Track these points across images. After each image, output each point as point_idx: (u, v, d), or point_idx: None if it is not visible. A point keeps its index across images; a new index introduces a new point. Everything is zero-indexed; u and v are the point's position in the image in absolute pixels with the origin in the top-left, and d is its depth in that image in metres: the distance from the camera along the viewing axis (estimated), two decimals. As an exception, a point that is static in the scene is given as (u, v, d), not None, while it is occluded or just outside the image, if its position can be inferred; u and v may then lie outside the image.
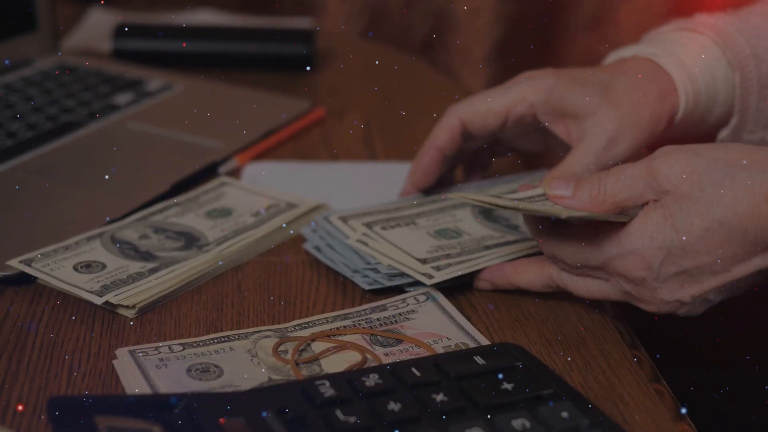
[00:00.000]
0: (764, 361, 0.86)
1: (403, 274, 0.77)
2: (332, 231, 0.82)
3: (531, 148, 0.91)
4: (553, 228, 0.72)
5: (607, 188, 0.70)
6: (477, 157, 0.92)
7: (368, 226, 0.82)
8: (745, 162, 0.66)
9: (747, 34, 0.87)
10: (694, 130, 0.87)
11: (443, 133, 0.86)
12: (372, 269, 0.78)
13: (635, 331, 0.77)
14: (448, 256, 0.79)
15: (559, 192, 0.72)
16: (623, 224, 0.69)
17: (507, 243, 0.81)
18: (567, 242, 0.71)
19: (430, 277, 0.77)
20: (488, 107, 0.85)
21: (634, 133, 0.82)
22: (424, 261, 0.78)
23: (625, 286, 0.71)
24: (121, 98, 1.10)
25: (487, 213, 0.86)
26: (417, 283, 0.78)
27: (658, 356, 0.76)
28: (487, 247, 0.80)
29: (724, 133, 0.88)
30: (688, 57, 0.85)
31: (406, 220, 0.84)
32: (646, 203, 0.69)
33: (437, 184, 0.90)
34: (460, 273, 0.77)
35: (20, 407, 0.64)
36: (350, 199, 0.91)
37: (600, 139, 0.82)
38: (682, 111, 0.84)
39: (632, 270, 0.69)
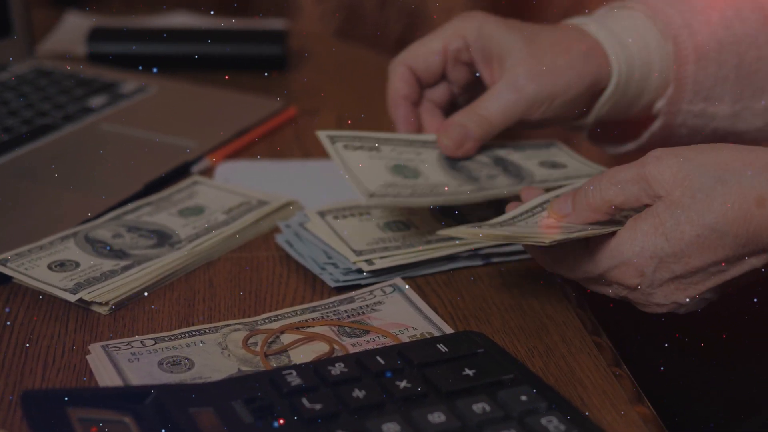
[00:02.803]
0: (727, 345, 0.88)
1: (357, 271, 0.80)
2: (301, 232, 0.84)
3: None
4: (547, 248, 0.73)
5: (602, 195, 0.71)
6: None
7: (321, 215, 0.84)
8: (735, 165, 0.67)
9: (680, 8, 0.88)
10: (636, 99, 0.88)
11: (399, 83, 0.89)
12: (332, 264, 0.80)
13: (599, 318, 0.79)
14: (386, 248, 0.81)
15: (561, 210, 0.73)
16: (614, 234, 0.71)
17: (450, 238, 0.83)
18: (563, 260, 0.73)
19: (360, 272, 0.80)
20: (427, 48, 0.88)
21: (544, 80, 0.83)
22: (359, 253, 0.80)
23: (621, 291, 0.72)
24: (96, 100, 1.12)
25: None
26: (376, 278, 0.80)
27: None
28: (429, 242, 0.82)
29: (660, 104, 0.88)
30: (618, 26, 0.86)
31: (361, 210, 0.86)
32: (642, 206, 0.70)
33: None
34: (388, 265, 0.80)
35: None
36: (322, 196, 0.92)
37: (508, 82, 0.84)
38: (616, 74, 0.85)
39: (626, 279, 0.71)
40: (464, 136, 0.84)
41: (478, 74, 0.89)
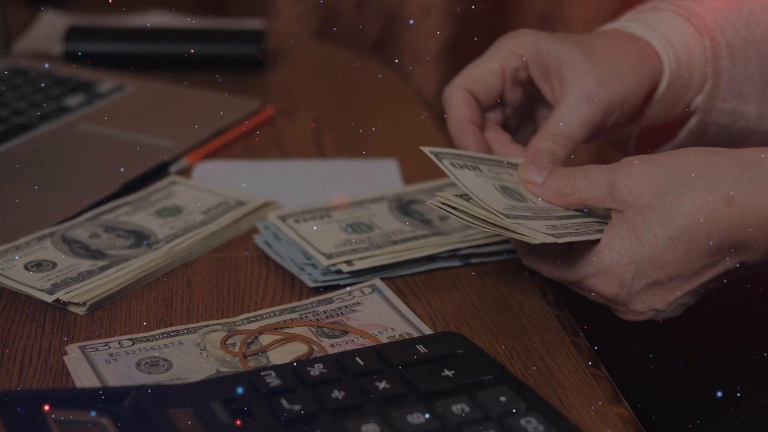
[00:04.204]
0: (705, 345, 0.88)
1: (336, 271, 0.80)
2: (279, 232, 0.84)
3: (543, 115, 0.89)
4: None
5: (574, 184, 0.72)
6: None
7: (282, 219, 0.84)
8: (702, 168, 0.68)
9: (706, 7, 0.88)
10: (681, 97, 0.87)
11: (462, 108, 0.84)
12: (311, 265, 0.80)
13: (577, 318, 0.80)
14: (354, 251, 0.81)
15: (532, 178, 0.73)
16: (595, 242, 0.71)
17: (416, 238, 0.84)
18: (543, 259, 0.73)
19: (339, 272, 0.80)
20: (485, 69, 0.84)
21: (615, 85, 0.82)
22: (329, 256, 0.80)
23: (600, 300, 0.72)
24: (73, 100, 1.11)
25: (402, 207, 0.88)
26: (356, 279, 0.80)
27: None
28: (395, 242, 0.83)
29: (698, 100, 0.88)
30: (658, 25, 0.86)
31: (321, 213, 0.86)
32: (608, 210, 0.71)
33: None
34: (367, 266, 0.80)
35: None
36: (300, 197, 0.92)
37: (581, 94, 0.81)
38: (668, 72, 0.84)
39: (605, 288, 0.70)
40: (554, 161, 0.80)
41: (528, 93, 0.87)
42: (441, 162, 0.75)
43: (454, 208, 0.72)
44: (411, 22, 1.64)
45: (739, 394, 0.83)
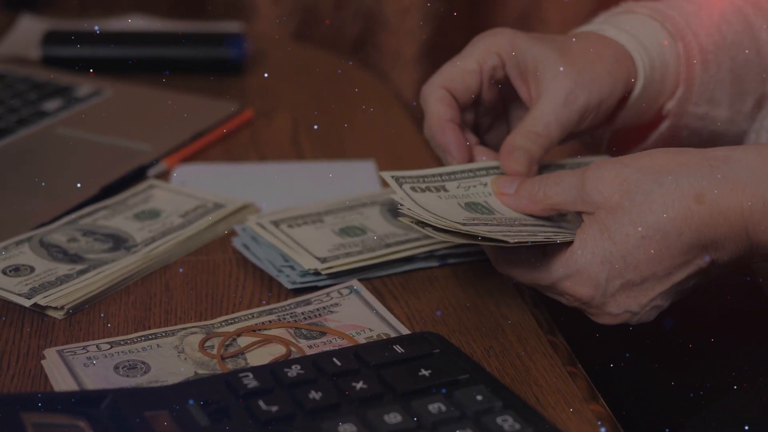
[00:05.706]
0: (681, 344, 0.89)
1: (314, 273, 0.80)
2: (257, 235, 0.85)
3: (517, 116, 0.88)
4: (503, 249, 0.73)
5: (545, 190, 0.72)
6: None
7: (275, 224, 0.84)
8: (670, 167, 0.68)
9: (679, 11, 0.88)
10: (655, 101, 0.87)
11: (442, 107, 0.82)
12: (290, 266, 0.81)
13: (554, 317, 0.80)
14: (348, 254, 0.81)
15: (504, 189, 0.74)
16: (569, 245, 0.71)
17: (409, 240, 0.84)
18: (517, 263, 0.73)
19: (317, 274, 0.80)
20: (463, 67, 0.82)
21: (591, 88, 0.81)
22: (323, 260, 0.80)
23: (574, 303, 0.73)
24: (51, 104, 1.11)
25: (394, 211, 0.88)
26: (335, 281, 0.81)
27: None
28: (389, 245, 0.83)
29: (671, 104, 0.88)
30: (633, 28, 0.86)
31: (314, 218, 0.86)
32: (579, 214, 0.71)
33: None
34: (345, 268, 0.80)
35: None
36: (279, 199, 0.93)
37: (558, 95, 0.81)
38: (642, 76, 0.84)
39: (580, 289, 0.71)
40: (530, 159, 0.80)
41: (503, 94, 0.86)
42: (401, 187, 0.75)
43: (423, 224, 0.72)
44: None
45: (716, 390, 0.84)
